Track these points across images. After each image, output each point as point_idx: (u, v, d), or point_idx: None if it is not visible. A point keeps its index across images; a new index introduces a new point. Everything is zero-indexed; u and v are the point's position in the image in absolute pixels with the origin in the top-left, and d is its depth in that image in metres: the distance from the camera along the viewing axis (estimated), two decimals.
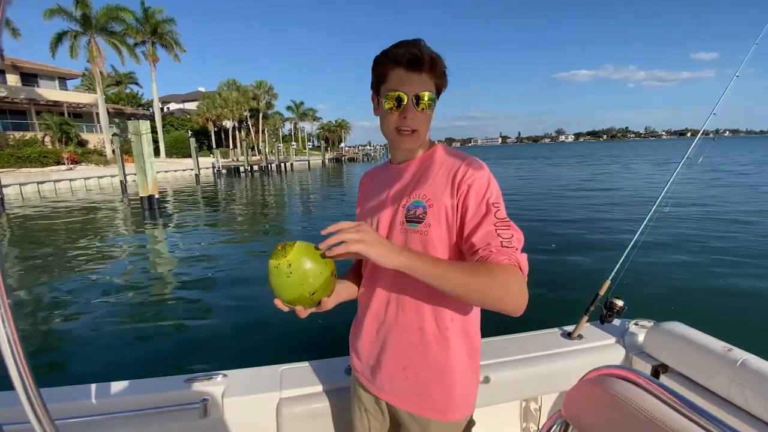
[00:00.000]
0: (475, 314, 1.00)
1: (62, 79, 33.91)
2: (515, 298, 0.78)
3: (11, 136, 26.02)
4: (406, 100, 0.89)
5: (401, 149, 0.99)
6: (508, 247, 0.81)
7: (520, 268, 0.80)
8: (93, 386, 1.34)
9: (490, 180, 0.90)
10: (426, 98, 0.89)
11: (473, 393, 1.00)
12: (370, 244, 0.76)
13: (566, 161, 44.16)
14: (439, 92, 0.94)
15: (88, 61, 28.72)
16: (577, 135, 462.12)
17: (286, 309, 0.85)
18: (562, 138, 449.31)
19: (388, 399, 1.01)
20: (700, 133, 1.98)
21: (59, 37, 27.34)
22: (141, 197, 12.47)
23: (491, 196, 0.87)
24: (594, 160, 43.68)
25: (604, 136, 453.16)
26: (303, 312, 0.86)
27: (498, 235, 0.82)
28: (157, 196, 12.61)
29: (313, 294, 0.80)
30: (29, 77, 30.93)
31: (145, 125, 11.63)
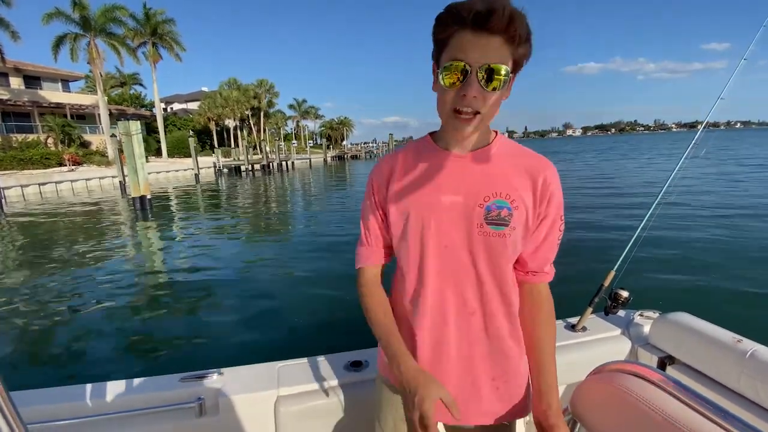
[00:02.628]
0: None
1: (65, 81, 34.23)
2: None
3: (14, 138, 26.32)
4: (470, 73, 0.70)
5: (457, 136, 0.80)
6: (551, 265, 0.91)
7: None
8: (86, 386, 1.32)
9: (560, 183, 0.86)
10: (498, 73, 0.69)
11: None
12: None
13: (575, 156, 43.82)
14: (517, 64, 0.73)
15: (88, 63, 28.96)
16: (585, 129, 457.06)
17: None
18: (569, 132, 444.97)
19: (472, 422, 0.91)
20: (705, 121, 1.95)
21: (60, 40, 27.55)
22: (133, 198, 12.49)
23: (562, 203, 0.86)
24: (598, 153, 43.20)
25: (612, 130, 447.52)
26: None
27: (552, 254, 0.90)
28: (149, 196, 12.62)
29: None
30: (32, 80, 31.25)
31: (135, 126, 11.61)
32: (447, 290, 0.85)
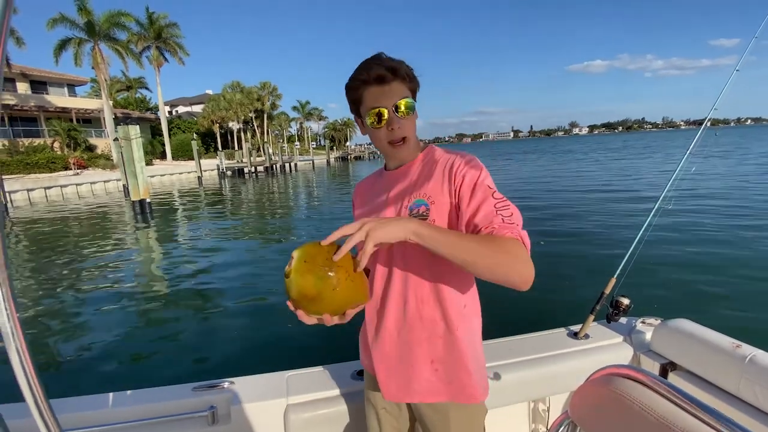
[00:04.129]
0: (477, 296, 1.05)
1: (71, 86, 34.55)
2: (522, 268, 0.81)
3: (21, 142, 26.64)
4: (387, 113, 0.94)
5: (396, 158, 1.04)
6: (510, 224, 0.85)
7: (524, 243, 0.84)
8: (101, 396, 1.36)
9: (482, 167, 0.95)
10: (404, 105, 0.94)
11: (485, 372, 1.06)
12: (377, 229, 0.76)
13: (584, 155, 43.54)
14: (414, 94, 0.99)
15: (92, 68, 29.24)
16: (592, 127, 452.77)
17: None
18: (575, 131, 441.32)
19: (415, 400, 1.02)
20: (703, 127, 1.96)
21: (63, 45, 27.80)
22: (133, 201, 12.54)
23: (485, 179, 0.92)
24: (606, 152, 42.93)
25: (620, 128, 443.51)
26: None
27: (498, 214, 0.87)
28: (148, 200, 12.66)
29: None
30: (39, 85, 31.57)
31: (134, 130, 11.65)
32: (387, 282, 1.01)
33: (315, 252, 0.76)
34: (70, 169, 25.14)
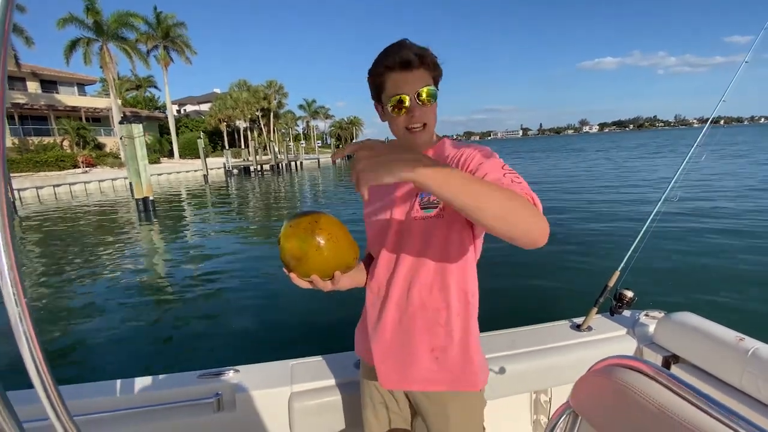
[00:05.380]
0: (477, 286, 1.05)
1: (81, 85, 34.95)
2: (535, 219, 0.74)
3: (31, 141, 27.00)
4: (409, 100, 0.93)
5: (413, 146, 1.02)
6: (519, 183, 0.82)
7: (535, 203, 0.78)
8: (108, 383, 1.39)
9: (494, 153, 0.94)
10: (426, 92, 0.93)
11: (485, 361, 1.06)
12: (366, 171, 0.62)
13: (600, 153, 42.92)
14: (436, 82, 0.98)
15: (101, 67, 29.51)
16: (602, 125, 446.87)
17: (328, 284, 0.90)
18: (585, 129, 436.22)
19: (414, 387, 1.02)
20: (710, 120, 2.00)
21: (73, 45, 28.14)
22: (136, 199, 12.57)
23: (494, 157, 0.91)
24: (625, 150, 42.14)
25: (631, 126, 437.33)
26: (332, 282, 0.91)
27: (507, 176, 0.84)
28: (151, 198, 12.68)
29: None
30: (49, 84, 31.95)
31: (137, 128, 11.66)
32: (392, 269, 1.01)
33: (300, 219, 0.83)
34: (79, 167, 25.44)
